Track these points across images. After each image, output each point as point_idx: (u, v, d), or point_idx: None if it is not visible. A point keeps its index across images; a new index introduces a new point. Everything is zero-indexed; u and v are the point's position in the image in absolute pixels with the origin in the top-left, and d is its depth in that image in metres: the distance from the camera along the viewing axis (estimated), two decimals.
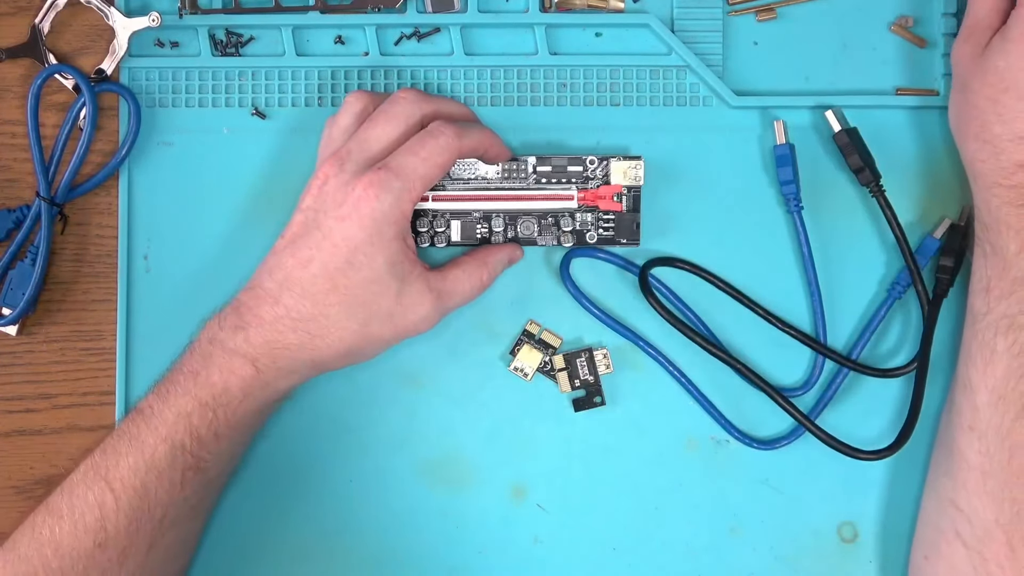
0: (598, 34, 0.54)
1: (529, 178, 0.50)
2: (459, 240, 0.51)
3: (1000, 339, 0.46)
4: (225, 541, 0.53)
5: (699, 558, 0.52)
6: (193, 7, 0.54)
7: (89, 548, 0.44)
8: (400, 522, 0.53)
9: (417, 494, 0.53)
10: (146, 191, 0.54)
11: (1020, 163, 0.46)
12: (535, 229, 0.51)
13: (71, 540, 0.45)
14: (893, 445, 0.49)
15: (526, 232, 0.51)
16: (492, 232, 0.51)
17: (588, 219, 0.51)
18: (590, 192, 0.50)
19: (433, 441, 0.53)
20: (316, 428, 0.53)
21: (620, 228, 0.51)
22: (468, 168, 0.50)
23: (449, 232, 0.51)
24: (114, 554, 0.45)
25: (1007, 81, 0.46)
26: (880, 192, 0.51)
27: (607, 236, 0.51)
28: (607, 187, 0.50)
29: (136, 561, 0.45)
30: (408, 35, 0.54)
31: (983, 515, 0.46)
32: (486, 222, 0.51)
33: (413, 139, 0.46)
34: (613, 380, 0.53)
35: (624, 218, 0.51)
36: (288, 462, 0.53)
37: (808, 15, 0.54)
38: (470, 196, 0.50)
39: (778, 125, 0.52)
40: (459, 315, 0.52)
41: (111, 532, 0.45)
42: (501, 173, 0.50)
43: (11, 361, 0.54)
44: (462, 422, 0.53)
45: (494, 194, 0.50)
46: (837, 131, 0.51)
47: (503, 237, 0.51)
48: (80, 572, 0.44)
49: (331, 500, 0.53)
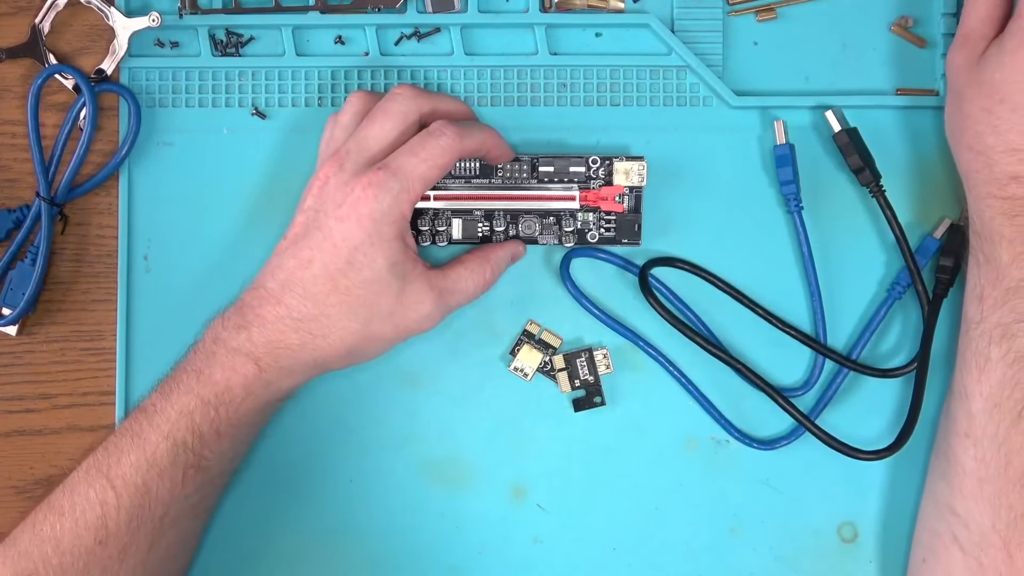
0: (598, 34, 0.54)
1: (531, 178, 0.51)
2: (460, 238, 0.51)
3: (994, 347, 0.46)
4: (226, 541, 0.53)
5: (699, 558, 0.52)
6: (193, 7, 0.54)
7: (90, 545, 0.45)
8: (400, 522, 0.53)
9: (417, 494, 0.53)
10: (146, 191, 0.54)
11: (1013, 175, 0.46)
12: (536, 228, 0.51)
13: (72, 537, 0.45)
14: (893, 445, 0.49)
15: (527, 231, 0.51)
16: (493, 231, 0.51)
17: (590, 219, 0.51)
18: (592, 192, 0.50)
19: (433, 441, 0.53)
20: (316, 428, 0.53)
21: (621, 228, 0.51)
22: (469, 166, 0.50)
23: (450, 230, 0.51)
24: (115, 551, 0.45)
25: (1002, 92, 0.46)
26: (880, 192, 0.51)
27: (608, 236, 0.51)
28: (609, 188, 0.50)
29: (137, 559, 0.45)
30: (408, 35, 0.54)
31: (980, 521, 0.46)
32: (487, 220, 0.51)
33: (414, 139, 0.46)
34: (613, 380, 0.53)
35: (626, 218, 0.51)
36: (289, 462, 0.53)
37: (808, 15, 0.54)
38: (471, 195, 0.50)
39: (778, 125, 0.52)
40: (459, 315, 0.52)
41: (112, 529, 0.45)
42: (503, 172, 0.50)
43: (11, 361, 0.54)
44: (462, 422, 0.53)
45: (495, 193, 0.51)
46: (837, 131, 0.51)
47: (504, 236, 0.51)
48: (81, 569, 0.44)
49: (331, 500, 0.53)
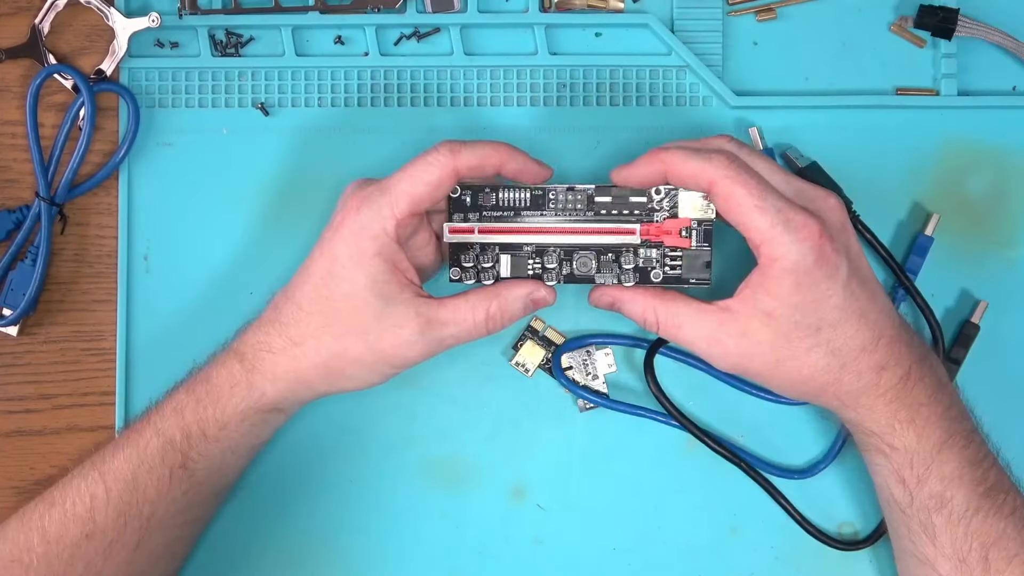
0: (598, 34, 0.54)
1: (587, 210, 0.46)
2: (508, 276, 0.47)
3: (936, 516, 0.45)
4: (226, 541, 0.53)
5: (699, 558, 0.52)
6: (193, 7, 0.54)
7: (76, 537, 0.45)
8: (400, 522, 0.53)
9: (417, 494, 0.53)
10: (146, 191, 0.54)
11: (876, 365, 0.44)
12: (593, 266, 0.46)
13: (59, 527, 0.45)
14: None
15: (583, 269, 0.46)
16: (545, 268, 0.46)
17: (652, 255, 0.46)
18: (655, 226, 0.46)
19: (433, 441, 0.53)
20: (317, 429, 0.53)
21: (689, 265, 0.46)
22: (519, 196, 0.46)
23: (498, 268, 0.47)
24: (101, 546, 0.45)
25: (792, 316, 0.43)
26: (855, 218, 0.50)
27: (674, 275, 0.46)
28: (674, 220, 0.46)
29: (122, 557, 0.45)
30: (408, 35, 0.54)
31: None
32: (539, 257, 0.46)
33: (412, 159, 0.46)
34: (616, 379, 0.53)
35: (693, 254, 0.46)
36: (289, 462, 0.53)
37: (808, 15, 0.54)
38: (520, 228, 0.46)
39: (753, 132, 0.52)
40: None
41: (99, 523, 0.45)
42: (556, 205, 0.46)
43: (11, 361, 0.54)
44: (462, 422, 0.53)
45: (548, 227, 0.46)
46: (798, 169, 0.51)
47: (557, 275, 0.47)
48: (66, 560, 0.45)
49: (332, 500, 0.53)
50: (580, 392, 0.52)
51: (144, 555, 0.46)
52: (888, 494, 0.46)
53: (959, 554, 0.44)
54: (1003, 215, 0.53)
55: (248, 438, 0.48)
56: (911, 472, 0.45)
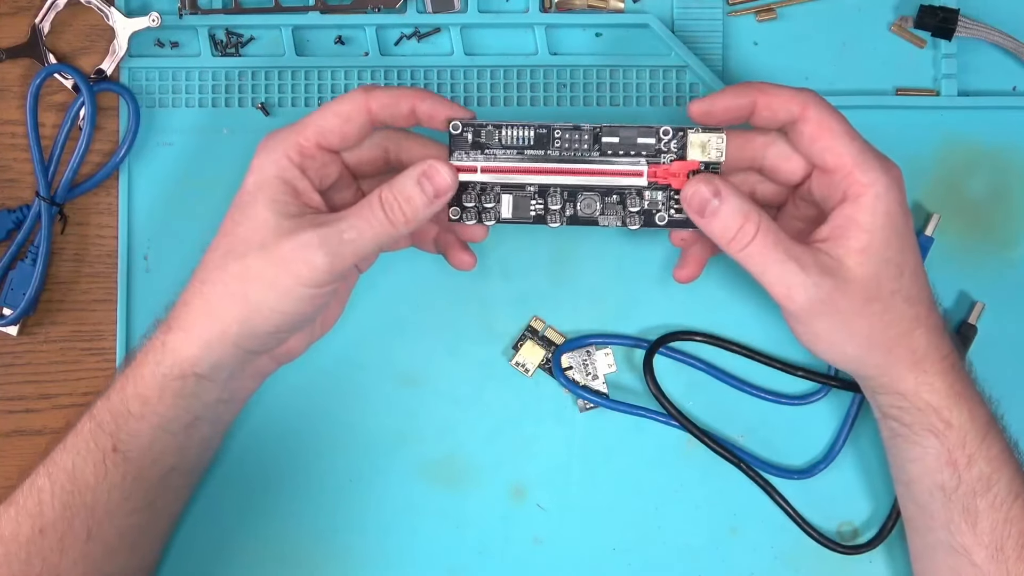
0: (598, 34, 0.54)
1: (592, 150, 0.45)
2: (510, 217, 0.46)
3: (980, 499, 0.44)
4: (224, 540, 0.53)
5: (699, 558, 0.53)
6: (193, 7, 0.54)
7: (29, 534, 0.44)
8: (400, 522, 0.53)
9: (417, 494, 0.53)
10: (146, 191, 0.54)
11: (937, 326, 0.43)
12: (597, 207, 0.45)
13: (13, 525, 0.45)
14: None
15: (587, 210, 0.45)
16: (548, 209, 0.46)
17: (659, 198, 0.45)
18: (662, 168, 0.45)
19: (433, 441, 0.53)
20: (316, 427, 0.53)
21: None
22: (523, 135, 0.45)
23: (499, 208, 0.46)
24: (54, 541, 0.44)
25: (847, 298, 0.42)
26: None
27: (680, 218, 0.45)
28: (682, 163, 0.45)
29: (77, 550, 0.45)
30: (408, 35, 0.54)
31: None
32: (541, 197, 0.46)
33: None
34: (616, 379, 0.53)
35: None
36: (288, 461, 0.53)
37: (808, 15, 0.54)
38: (523, 168, 0.45)
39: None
40: (459, 313, 0.53)
41: (49, 517, 0.44)
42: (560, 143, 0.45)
43: (11, 361, 0.54)
44: (462, 422, 0.53)
45: (551, 167, 0.45)
46: None
47: (560, 216, 0.46)
48: (23, 559, 0.44)
49: (331, 500, 0.53)
50: (580, 392, 0.52)
51: (99, 547, 0.45)
52: (931, 482, 0.45)
53: (997, 541, 0.44)
54: (1003, 215, 0.53)
55: (176, 412, 0.45)
56: (963, 452, 0.44)
